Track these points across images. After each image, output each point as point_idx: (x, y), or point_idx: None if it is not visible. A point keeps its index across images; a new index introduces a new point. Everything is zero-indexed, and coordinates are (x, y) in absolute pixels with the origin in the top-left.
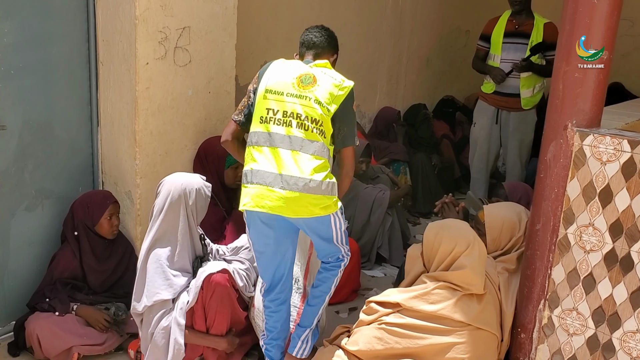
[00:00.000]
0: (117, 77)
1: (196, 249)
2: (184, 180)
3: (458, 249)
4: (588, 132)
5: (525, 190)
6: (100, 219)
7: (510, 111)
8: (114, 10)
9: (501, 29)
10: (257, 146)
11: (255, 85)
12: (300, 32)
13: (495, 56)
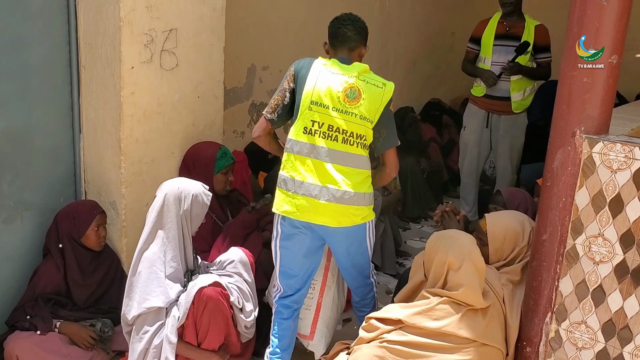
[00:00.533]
0: (100, 81)
1: (188, 261)
2: (182, 184)
3: (451, 260)
4: (597, 139)
5: (524, 197)
6: (87, 230)
7: (501, 115)
8: (96, 11)
9: (492, 31)
10: (300, 156)
11: (293, 85)
12: (287, 33)
13: (485, 59)
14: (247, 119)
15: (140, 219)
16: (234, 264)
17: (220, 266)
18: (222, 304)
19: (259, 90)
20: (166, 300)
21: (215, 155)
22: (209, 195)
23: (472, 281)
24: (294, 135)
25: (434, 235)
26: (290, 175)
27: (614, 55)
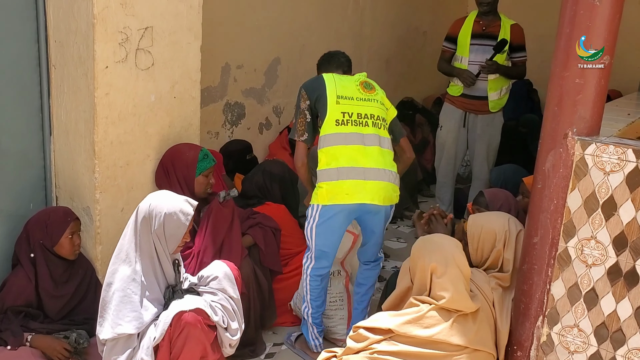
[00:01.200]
0: (72, 82)
1: (168, 277)
2: (155, 201)
3: (434, 265)
4: (590, 141)
5: (506, 197)
6: (60, 239)
7: (478, 114)
8: (67, 8)
9: (468, 31)
10: (337, 146)
11: (308, 102)
12: (261, 31)
13: (462, 58)
14: (222, 119)
15: (116, 225)
16: (218, 280)
17: (204, 282)
18: (199, 332)
19: (233, 90)
20: (139, 327)
21: (197, 157)
22: (187, 213)
23: (458, 286)
24: (327, 130)
25: (419, 241)
26: (332, 166)
27: (606, 56)
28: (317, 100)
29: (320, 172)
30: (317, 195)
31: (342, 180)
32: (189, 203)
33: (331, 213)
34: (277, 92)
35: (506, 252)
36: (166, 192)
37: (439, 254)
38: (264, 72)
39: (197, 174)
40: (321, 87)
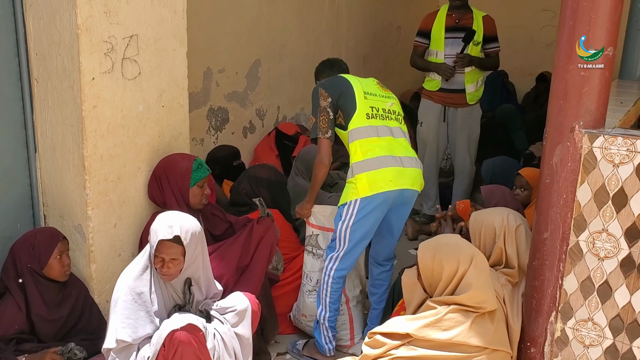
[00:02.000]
0: (57, 95)
1: (175, 297)
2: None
3: (463, 267)
4: (598, 134)
5: (502, 194)
6: (49, 260)
7: (457, 107)
8: (49, 19)
9: (441, 24)
10: (370, 138)
11: (330, 100)
12: (240, 33)
13: (437, 52)
14: (206, 125)
15: (109, 242)
16: (235, 314)
17: (222, 310)
18: (194, 349)
19: (216, 95)
20: (133, 337)
21: (191, 167)
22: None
23: (481, 279)
24: (359, 124)
25: (427, 248)
26: (370, 156)
27: (610, 47)
28: (340, 97)
29: (358, 164)
30: (357, 187)
31: (383, 168)
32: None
33: (373, 204)
34: (260, 95)
35: (507, 247)
36: (174, 213)
37: (461, 254)
38: (246, 75)
39: (191, 184)
40: (344, 84)
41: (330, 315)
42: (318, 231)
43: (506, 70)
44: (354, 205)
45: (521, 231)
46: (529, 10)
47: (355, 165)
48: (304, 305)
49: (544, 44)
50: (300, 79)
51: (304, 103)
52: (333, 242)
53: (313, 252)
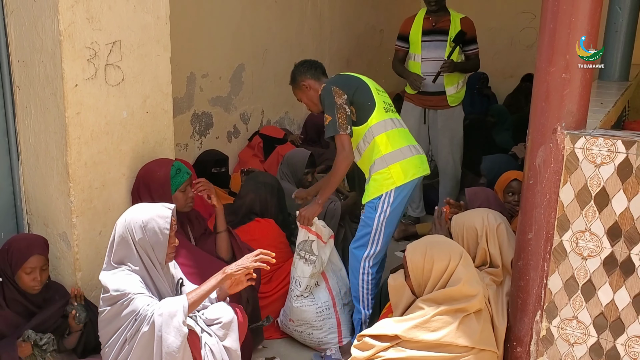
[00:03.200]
0: (39, 102)
1: (163, 294)
2: (130, 215)
3: (453, 263)
4: (579, 135)
5: (486, 196)
6: (17, 271)
7: (437, 109)
8: (31, 25)
9: (419, 28)
10: (394, 130)
11: (346, 97)
12: (223, 38)
13: (415, 55)
14: (190, 130)
15: (95, 250)
16: (221, 326)
17: (209, 322)
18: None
19: (200, 99)
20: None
21: (169, 174)
22: (165, 216)
23: (471, 273)
24: (380, 118)
25: (417, 249)
26: (397, 147)
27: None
28: (355, 93)
29: (390, 155)
30: (392, 177)
31: (410, 156)
32: (166, 207)
33: (405, 192)
34: (244, 99)
35: (490, 246)
36: (136, 206)
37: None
38: (229, 80)
39: (173, 191)
40: (356, 80)
41: (371, 311)
42: (314, 237)
43: (487, 72)
44: (390, 195)
45: (502, 229)
46: (509, 12)
47: (387, 156)
48: (291, 311)
49: (525, 46)
50: (284, 82)
51: (288, 107)
52: (364, 240)
53: (305, 258)
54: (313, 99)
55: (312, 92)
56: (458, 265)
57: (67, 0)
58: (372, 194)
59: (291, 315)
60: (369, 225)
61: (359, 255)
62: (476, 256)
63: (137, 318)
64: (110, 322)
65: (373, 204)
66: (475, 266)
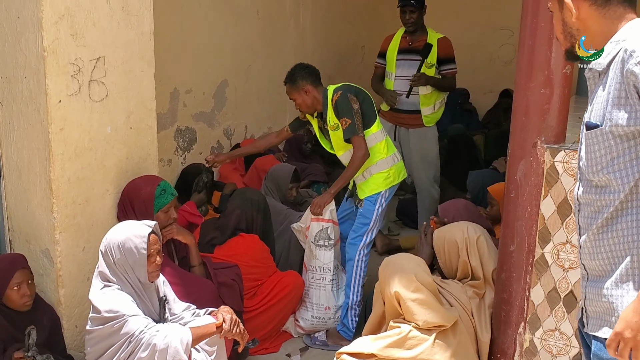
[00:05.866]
0: (23, 118)
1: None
2: (109, 235)
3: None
4: (559, 149)
5: (456, 208)
6: (5, 291)
7: (410, 128)
8: (14, 42)
9: (395, 46)
10: (386, 138)
11: (358, 104)
12: (206, 54)
13: (390, 74)
14: (174, 146)
15: (78, 266)
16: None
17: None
18: None
19: (183, 115)
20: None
21: (154, 193)
22: (142, 235)
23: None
24: (379, 127)
25: (383, 264)
26: (390, 153)
27: (568, 66)
28: (362, 102)
29: (389, 158)
30: (390, 177)
31: (396, 163)
32: (146, 225)
33: (394, 190)
34: (227, 115)
35: (471, 259)
36: (117, 225)
37: (402, 279)
38: (213, 95)
39: (155, 210)
40: (363, 92)
41: (360, 297)
42: (328, 224)
43: (467, 88)
44: (387, 192)
45: (482, 241)
46: (488, 29)
47: (387, 159)
48: (329, 299)
49: (503, 62)
50: (267, 98)
51: (271, 122)
52: (362, 230)
53: (325, 245)
54: (307, 102)
55: (309, 96)
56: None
57: (51, 17)
58: (373, 190)
59: (328, 303)
60: (368, 218)
61: (357, 244)
62: (458, 269)
63: (132, 340)
64: (101, 341)
65: (373, 199)
66: (457, 279)
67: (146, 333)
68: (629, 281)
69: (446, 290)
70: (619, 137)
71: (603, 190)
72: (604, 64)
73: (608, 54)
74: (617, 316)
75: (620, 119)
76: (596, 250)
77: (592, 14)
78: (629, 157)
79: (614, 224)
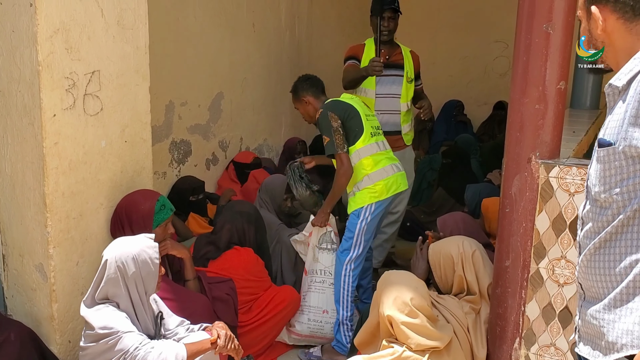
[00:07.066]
0: (17, 132)
1: (143, 328)
2: (118, 250)
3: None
4: (553, 164)
5: (454, 221)
6: None
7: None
8: (9, 56)
9: None
10: (378, 152)
11: (340, 121)
12: (202, 66)
13: (367, 90)
14: (168, 159)
15: (71, 280)
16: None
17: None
18: None
19: (178, 128)
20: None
21: (153, 209)
22: (152, 246)
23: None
24: (366, 142)
25: (382, 279)
26: (378, 167)
27: (562, 81)
28: (347, 118)
29: (376, 173)
30: (376, 192)
31: (391, 174)
32: (148, 237)
33: (383, 205)
34: (222, 127)
35: (467, 274)
36: (119, 240)
37: (397, 301)
38: (208, 108)
39: (154, 226)
40: (348, 107)
41: (351, 313)
42: (330, 228)
43: (462, 100)
44: (371, 207)
45: (477, 256)
46: (482, 41)
47: (372, 174)
48: (327, 302)
49: (498, 74)
50: (263, 110)
51: (266, 134)
52: (348, 244)
53: (328, 248)
54: (309, 112)
55: (310, 107)
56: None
57: (46, 31)
58: (358, 204)
59: (326, 307)
60: (352, 231)
61: (343, 258)
62: (453, 283)
63: (126, 357)
64: (95, 358)
65: (357, 212)
66: (453, 294)
67: (141, 350)
68: (622, 306)
69: (442, 306)
70: (631, 158)
71: (605, 211)
72: (625, 80)
73: (630, 70)
74: (607, 341)
75: (636, 139)
76: (590, 270)
77: (618, 28)
78: (638, 180)
79: (611, 246)
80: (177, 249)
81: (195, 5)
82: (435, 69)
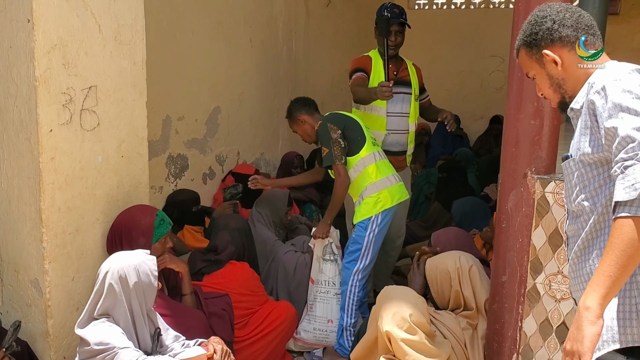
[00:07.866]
0: (13, 147)
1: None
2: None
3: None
4: (549, 179)
5: (447, 237)
6: None
7: (398, 171)
8: (5, 71)
9: (380, 76)
10: (380, 161)
11: (340, 132)
12: (200, 81)
13: (379, 108)
14: (165, 173)
15: (67, 296)
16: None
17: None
18: None
19: (175, 142)
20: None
21: (154, 223)
22: (151, 259)
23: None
24: (369, 151)
25: (381, 294)
26: (382, 176)
27: None
28: (346, 129)
29: (380, 182)
30: (381, 201)
31: (394, 184)
32: (145, 252)
33: (390, 214)
34: (219, 141)
35: (464, 289)
36: (118, 255)
37: (396, 317)
38: (205, 122)
39: (153, 242)
40: (347, 119)
41: (354, 320)
42: (331, 240)
43: (458, 114)
44: (378, 217)
45: (474, 271)
46: (479, 56)
47: (378, 182)
48: (332, 312)
49: (494, 88)
50: (260, 124)
51: (263, 148)
52: (355, 255)
53: (331, 259)
54: (307, 131)
55: (307, 125)
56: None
57: (44, 46)
58: (364, 215)
59: (331, 316)
60: (360, 243)
61: (350, 269)
62: (450, 299)
63: None
64: None
65: (364, 224)
66: (450, 309)
67: None
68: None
69: (439, 322)
70: (588, 165)
71: (579, 220)
72: (581, 102)
73: (586, 93)
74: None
75: (586, 147)
76: (576, 280)
77: (573, 59)
78: (598, 184)
79: (588, 252)
80: (176, 262)
81: (192, 20)
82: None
